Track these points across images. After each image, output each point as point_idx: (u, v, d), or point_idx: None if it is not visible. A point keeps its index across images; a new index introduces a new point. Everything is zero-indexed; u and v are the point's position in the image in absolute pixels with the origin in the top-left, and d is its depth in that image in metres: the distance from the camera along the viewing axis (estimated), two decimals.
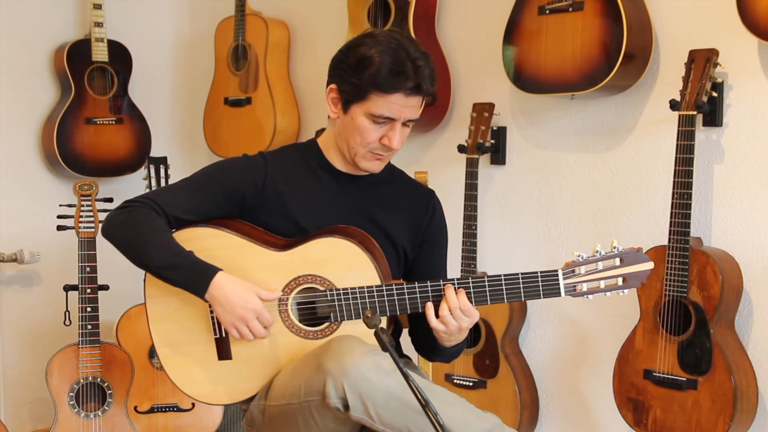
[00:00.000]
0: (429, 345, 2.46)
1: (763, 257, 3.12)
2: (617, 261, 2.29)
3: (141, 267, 2.38)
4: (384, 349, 2.13)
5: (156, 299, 2.42)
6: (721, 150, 3.18)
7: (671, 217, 3.03)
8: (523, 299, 2.31)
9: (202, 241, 2.38)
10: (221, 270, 2.32)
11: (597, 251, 2.30)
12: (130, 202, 2.42)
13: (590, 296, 2.30)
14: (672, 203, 3.03)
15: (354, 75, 2.32)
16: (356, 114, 2.36)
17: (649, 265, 2.30)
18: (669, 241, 3.03)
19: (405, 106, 2.33)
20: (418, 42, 2.40)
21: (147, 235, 2.34)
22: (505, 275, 2.29)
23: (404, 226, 2.51)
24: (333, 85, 2.39)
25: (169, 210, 2.39)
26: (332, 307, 2.34)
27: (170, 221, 2.39)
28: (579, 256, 2.29)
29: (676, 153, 3.04)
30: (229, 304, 2.30)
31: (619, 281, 2.30)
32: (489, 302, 2.31)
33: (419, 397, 2.05)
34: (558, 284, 2.28)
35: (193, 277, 2.32)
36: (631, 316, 3.26)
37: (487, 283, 2.29)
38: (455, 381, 3.60)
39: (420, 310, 2.33)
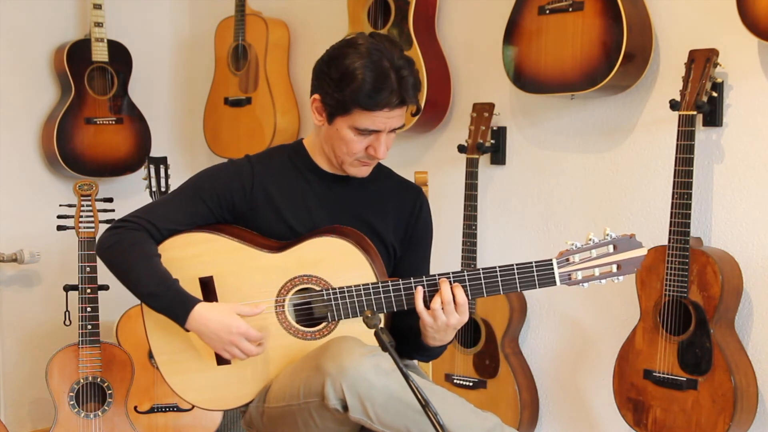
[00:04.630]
0: (411, 340, 2.43)
1: (763, 257, 3.12)
2: (611, 248, 2.29)
3: (129, 290, 2.39)
4: (384, 348, 2.13)
5: None
6: (721, 150, 3.18)
7: (671, 217, 3.03)
8: (519, 290, 2.30)
9: (196, 246, 2.39)
10: (201, 301, 2.33)
11: (590, 239, 2.29)
12: (122, 221, 2.42)
13: (585, 284, 2.29)
14: (672, 203, 3.03)
15: (336, 90, 2.30)
16: (341, 126, 2.35)
17: (643, 251, 2.30)
18: (669, 241, 3.03)
19: (389, 117, 2.32)
20: (402, 46, 2.37)
21: (132, 262, 2.35)
22: (500, 266, 2.28)
23: (392, 224, 2.51)
24: (316, 96, 2.38)
25: (161, 225, 2.39)
26: (329, 307, 2.34)
27: (164, 235, 2.39)
28: (573, 244, 2.29)
29: (676, 153, 3.03)
30: (214, 333, 2.31)
31: (614, 268, 2.29)
32: (485, 294, 2.30)
33: (419, 396, 2.04)
34: (553, 273, 2.28)
35: (174, 307, 2.33)
36: (631, 316, 3.26)
37: (482, 275, 2.29)
38: (455, 381, 3.60)
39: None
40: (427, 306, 2.30)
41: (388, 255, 2.50)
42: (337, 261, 2.34)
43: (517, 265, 2.28)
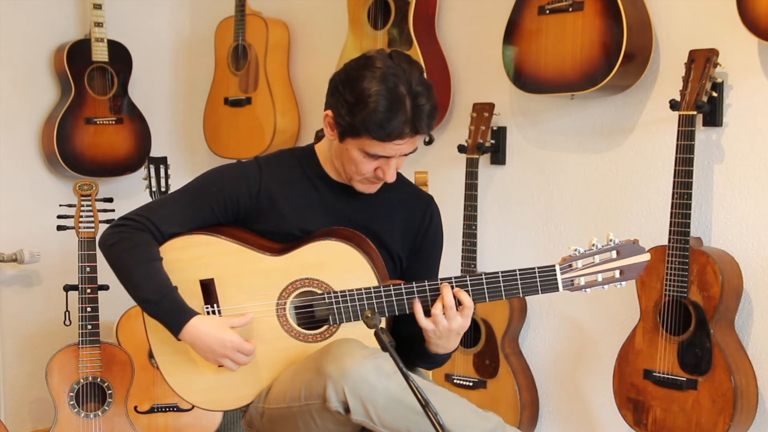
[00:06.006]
0: (415, 347, 2.42)
1: (763, 257, 3.12)
2: (614, 254, 2.29)
3: (127, 292, 2.38)
4: (384, 349, 2.13)
5: None
6: (721, 150, 3.18)
7: (671, 217, 3.03)
8: (521, 295, 2.30)
9: (197, 248, 2.38)
10: (197, 314, 2.33)
11: (593, 245, 2.29)
12: (126, 219, 2.41)
13: (588, 290, 2.29)
14: (672, 203, 3.03)
15: (349, 114, 2.26)
16: (351, 147, 2.32)
17: (646, 257, 2.29)
18: (669, 241, 3.03)
19: (400, 145, 2.29)
20: (421, 67, 2.31)
21: (133, 264, 2.34)
22: (502, 272, 2.28)
23: (400, 234, 2.49)
24: (329, 112, 2.34)
25: (164, 227, 2.38)
26: (330, 310, 2.34)
27: (166, 238, 2.39)
28: (576, 250, 2.29)
29: (676, 153, 3.04)
30: (207, 346, 2.32)
31: (617, 274, 2.29)
32: (487, 299, 2.30)
33: (420, 397, 2.04)
34: (555, 279, 2.28)
35: (169, 317, 2.33)
36: (631, 316, 3.26)
37: (485, 281, 2.29)
38: (455, 381, 3.60)
39: None
40: (428, 314, 2.30)
41: (394, 265, 2.49)
42: (339, 264, 2.34)
43: (519, 270, 2.28)
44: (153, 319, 2.36)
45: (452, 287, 2.29)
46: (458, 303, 2.29)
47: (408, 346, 2.43)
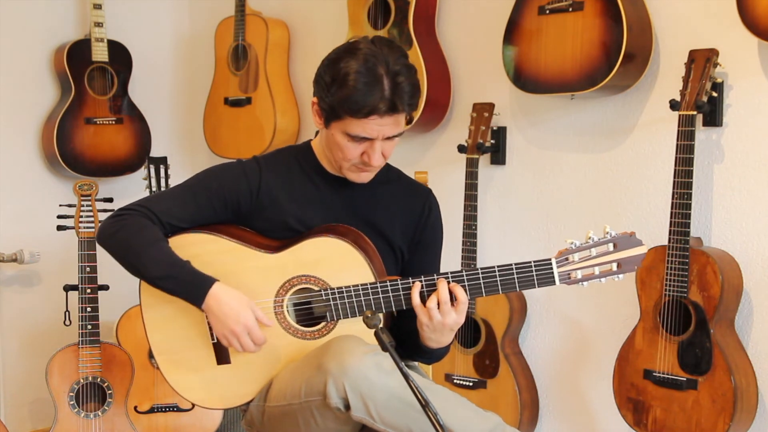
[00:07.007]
0: (411, 343, 2.42)
1: (763, 257, 3.12)
2: (610, 246, 2.28)
3: (136, 275, 2.37)
4: (384, 349, 2.13)
5: (152, 307, 2.41)
6: (721, 150, 3.18)
7: (671, 217, 3.03)
8: (518, 289, 2.29)
9: (194, 246, 2.38)
10: (218, 281, 2.32)
11: (590, 237, 2.28)
12: (124, 209, 2.41)
13: (585, 283, 2.28)
14: (672, 203, 3.03)
15: (329, 95, 2.29)
16: (335, 131, 2.34)
17: (643, 249, 2.29)
18: (669, 241, 3.03)
19: (381, 125, 2.29)
20: (404, 50, 2.33)
21: (143, 245, 2.33)
22: (498, 266, 2.28)
23: (400, 227, 2.50)
24: (314, 99, 2.37)
25: (164, 218, 2.38)
26: (328, 307, 2.34)
27: (165, 229, 2.38)
28: (572, 243, 2.28)
29: (676, 153, 3.04)
30: (224, 315, 2.30)
31: (614, 267, 2.28)
32: (484, 294, 2.29)
33: (419, 396, 2.05)
34: (552, 273, 2.27)
35: (190, 287, 2.31)
36: (631, 316, 3.26)
37: (481, 275, 2.28)
38: (455, 381, 3.60)
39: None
40: (424, 303, 2.30)
41: (396, 258, 2.49)
42: (335, 261, 2.34)
43: (516, 264, 2.27)
44: (171, 295, 2.32)
45: (448, 282, 2.29)
46: (453, 298, 2.29)
47: (405, 340, 2.42)
